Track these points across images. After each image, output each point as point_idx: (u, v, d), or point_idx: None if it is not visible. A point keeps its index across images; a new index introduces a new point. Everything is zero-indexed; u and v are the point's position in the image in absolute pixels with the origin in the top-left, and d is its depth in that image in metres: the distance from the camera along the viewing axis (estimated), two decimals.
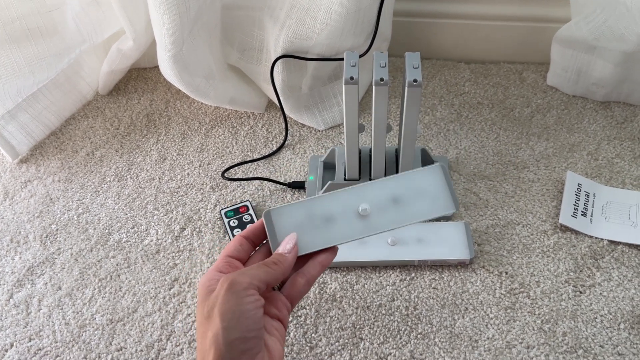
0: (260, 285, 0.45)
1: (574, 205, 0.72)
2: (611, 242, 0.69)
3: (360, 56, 0.80)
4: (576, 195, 0.73)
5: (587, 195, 0.73)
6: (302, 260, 0.51)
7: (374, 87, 0.59)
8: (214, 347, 0.43)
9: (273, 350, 0.46)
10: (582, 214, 0.71)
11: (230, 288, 0.43)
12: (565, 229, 0.70)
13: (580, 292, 0.64)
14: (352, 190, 0.52)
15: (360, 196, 0.51)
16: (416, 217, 0.52)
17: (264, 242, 0.53)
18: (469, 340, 0.61)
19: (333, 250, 0.52)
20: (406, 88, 0.59)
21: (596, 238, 0.69)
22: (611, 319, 0.62)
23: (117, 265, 0.71)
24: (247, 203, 0.75)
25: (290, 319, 0.63)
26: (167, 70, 0.77)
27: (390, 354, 0.60)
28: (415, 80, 0.58)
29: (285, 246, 0.49)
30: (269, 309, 0.48)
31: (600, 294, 0.64)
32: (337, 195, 0.52)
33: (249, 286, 0.44)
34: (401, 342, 0.61)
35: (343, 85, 0.59)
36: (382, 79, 0.59)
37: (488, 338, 0.61)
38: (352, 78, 0.59)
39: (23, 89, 0.83)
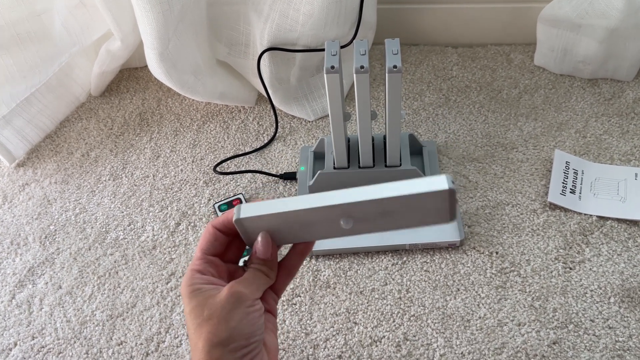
0: (260, 293, 0.46)
1: (563, 183, 0.72)
2: (600, 217, 0.69)
3: (344, 46, 0.81)
4: (564, 173, 0.73)
5: (576, 173, 0.74)
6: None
7: (354, 74, 0.60)
8: (213, 356, 0.42)
9: (270, 344, 0.47)
10: (570, 192, 0.72)
11: (237, 302, 0.43)
12: (554, 207, 0.71)
13: (570, 269, 0.65)
14: (334, 205, 0.43)
15: (344, 211, 0.43)
16: (404, 225, 0.44)
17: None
18: (461, 320, 0.62)
19: (310, 241, 0.49)
20: (387, 74, 0.59)
21: (585, 214, 0.70)
22: (601, 293, 0.63)
23: (115, 262, 0.72)
24: (240, 196, 0.76)
25: (285, 307, 0.65)
26: (155, 68, 0.78)
27: (384, 336, 0.61)
28: (395, 66, 0.59)
29: (263, 251, 0.46)
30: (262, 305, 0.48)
31: (590, 269, 0.65)
32: (317, 209, 0.43)
33: (253, 295, 0.45)
34: (394, 325, 0.62)
35: (325, 75, 0.60)
36: (362, 67, 0.59)
37: (480, 317, 0.62)
38: (332, 67, 0.59)
39: (16, 94, 0.84)
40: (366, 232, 0.45)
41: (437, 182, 0.41)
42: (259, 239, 0.46)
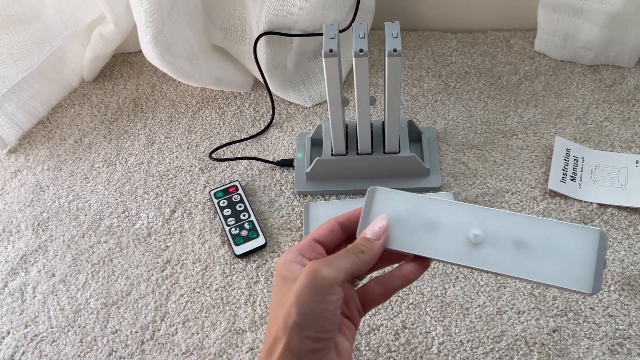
0: (346, 279, 0.41)
1: (563, 170, 0.72)
2: (600, 205, 0.69)
3: (342, 30, 0.80)
4: (565, 160, 0.73)
5: (576, 160, 0.73)
6: (386, 260, 0.45)
7: (354, 58, 0.59)
8: (285, 339, 0.40)
9: (342, 349, 0.42)
10: (571, 179, 0.71)
11: (314, 282, 0.39)
12: (554, 194, 0.70)
13: None
14: (472, 209, 0.43)
15: (479, 219, 0.42)
16: (537, 276, 0.40)
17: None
18: (460, 308, 0.61)
19: (422, 264, 0.43)
20: (386, 58, 0.58)
21: (585, 202, 0.69)
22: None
23: (109, 250, 0.71)
24: (236, 183, 0.75)
25: None
26: (149, 52, 0.77)
27: (382, 324, 0.61)
28: (395, 50, 0.57)
29: (373, 228, 0.42)
30: (343, 308, 0.43)
31: None
32: (454, 206, 0.43)
33: (334, 282, 0.40)
34: (393, 313, 0.62)
35: (323, 58, 0.59)
36: (361, 50, 0.58)
37: (479, 305, 0.62)
38: (331, 50, 0.58)
39: (7, 78, 0.82)
40: (491, 267, 0.41)
41: (588, 229, 0.40)
42: (377, 220, 0.43)
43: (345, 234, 0.45)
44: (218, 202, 0.73)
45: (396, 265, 0.44)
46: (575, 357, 0.57)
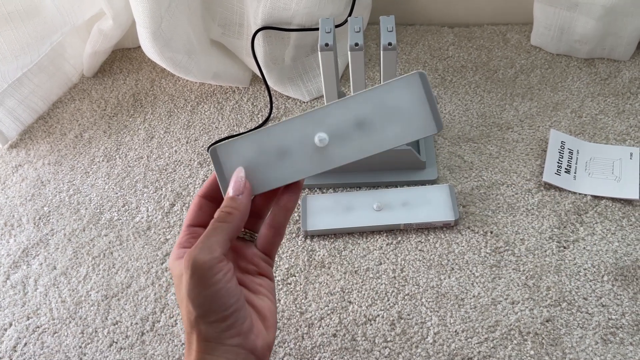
0: (224, 249, 0.40)
1: (558, 162, 0.72)
2: (595, 197, 0.69)
3: (339, 25, 0.80)
4: (560, 152, 0.73)
5: (571, 152, 0.74)
6: (265, 204, 0.47)
7: (349, 52, 0.59)
8: (195, 332, 0.41)
9: (262, 309, 0.44)
10: (565, 171, 0.72)
11: (195, 271, 0.39)
12: (549, 186, 0.71)
13: (564, 247, 0.65)
14: (307, 117, 0.42)
15: (317, 122, 0.42)
16: (386, 143, 0.42)
17: None
18: (455, 298, 0.62)
19: (294, 189, 0.45)
20: (381, 52, 0.59)
21: (580, 194, 0.70)
22: (595, 271, 0.63)
23: (109, 243, 0.72)
24: None
25: (280, 287, 0.65)
26: (148, 47, 0.78)
27: (378, 315, 0.62)
28: (389, 44, 0.58)
29: (234, 186, 0.42)
30: (248, 268, 0.45)
31: (584, 248, 0.65)
32: (290, 123, 0.43)
33: (213, 262, 0.39)
34: (389, 304, 0.63)
35: (319, 52, 0.59)
36: (356, 44, 0.59)
37: (474, 296, 0.62)
38: (327, 45, 0.59)
39: (7, 73, 0.83)
40: (347, 158, 0.42)
41: (407, 76, 0.41)
42: (234, 175, 0.43)
43: (212, 201, 0.46)
44: None
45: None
46: (569, 346, 0.57)
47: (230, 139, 0.44)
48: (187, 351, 0.43)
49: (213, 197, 0.45)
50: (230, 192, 0.42)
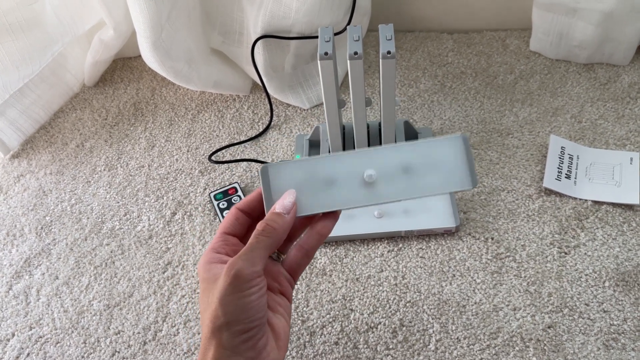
0: (264, 264, 0.42)
1: (558, 168, 0.72)
2: (595, 202, 0.69)
3: (338, 33, 0.81)
4: (560, 158, 0.73)
5: (571, 158, 0.74)
6: (300, 228, 0.48)
7: (348, 61, 0.60)
8: (215, 339, 0.42)
9: (277, 328, 0.44)
10: (566, 177, 0.72)
11: (234, 280, 0.41)
12: (549, 192, 0.71)
13: (565, 253, 0.65)
14: (358, 154, 0.47)
15: (367, 160, 0.46)
16: (427, 191, 0.46)
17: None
18: (457, 305, 0.62)
19: (332, 218, 0.47)
20: (380, 60, 0.59)
21: (580, 199, 0.70)
22: (596, 277, 0.63)
23: (111, 252, 0.72)
24: (236, 185, 0.76)
25: None
26: (149, 57, 0.78)
27: (380, 322, 0.62)
28: (388, 52, 0.58)
29: (283, 203, 0.45)
30: (271, 285, 0.46)
31: (585, 253, 0.65)
32: (342, 157, 0.46)
33: (254, 275, 0.41)
34: (390, 311, 0.63)
35: (318, 62, 0.60)
36: (356, 53, 0.59)
37: (475, 303, 0.62)
38: (326, 53, 0.59)
39: (9, 84, 0.84)
40: (390, 197, 0.46)
41: (451, 137, 0.46)
42: (286, 195, 0.45)
43: (249, 216, 0.48)
44: (218, 204, 0.74)
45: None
46: (571, 352, 0.57)
47: (281, 161, 0.47)
48: (201, 357, 0.43)
49: (249, 212, 0.48)
50: (278, 208, 0.45)
